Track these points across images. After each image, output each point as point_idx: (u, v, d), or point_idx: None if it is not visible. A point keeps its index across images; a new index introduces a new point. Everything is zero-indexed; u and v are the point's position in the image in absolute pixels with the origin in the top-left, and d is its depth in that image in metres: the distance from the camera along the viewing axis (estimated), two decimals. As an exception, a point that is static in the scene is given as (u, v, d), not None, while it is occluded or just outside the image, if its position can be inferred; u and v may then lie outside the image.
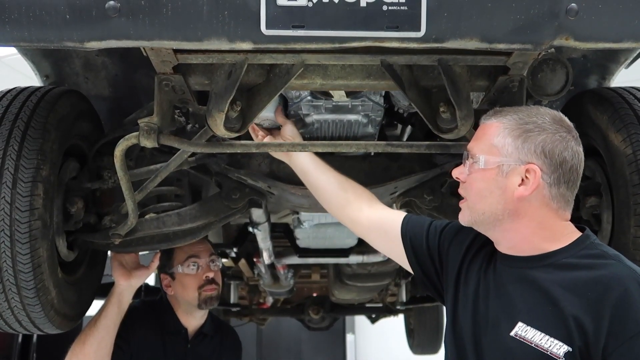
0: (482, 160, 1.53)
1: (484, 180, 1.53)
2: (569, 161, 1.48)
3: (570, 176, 1.50)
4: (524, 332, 1.45)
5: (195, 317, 2.69)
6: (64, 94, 2.07)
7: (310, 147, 1.94)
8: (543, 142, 1.47)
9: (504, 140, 1.51)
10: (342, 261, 3.86)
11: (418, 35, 1.47)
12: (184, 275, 2.61)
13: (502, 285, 1.56)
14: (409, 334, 6.98)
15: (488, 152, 1.53)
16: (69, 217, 2.11)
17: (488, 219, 1.55)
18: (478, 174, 1.54)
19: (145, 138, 1.80)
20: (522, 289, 1.51)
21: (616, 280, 1.39)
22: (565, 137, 1.49)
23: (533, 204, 1.49)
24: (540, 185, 1.48)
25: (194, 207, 2.36)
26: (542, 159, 1.47)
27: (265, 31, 1.45)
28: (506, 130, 1.51)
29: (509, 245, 1.57)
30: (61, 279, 2.06)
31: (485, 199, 1.53)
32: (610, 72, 2.46)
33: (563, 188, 1.49)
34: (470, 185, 1.57)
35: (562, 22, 1.48)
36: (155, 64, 1.68)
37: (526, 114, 1.53)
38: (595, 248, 1.49)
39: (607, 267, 1.43)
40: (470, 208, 1.58)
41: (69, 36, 1.46)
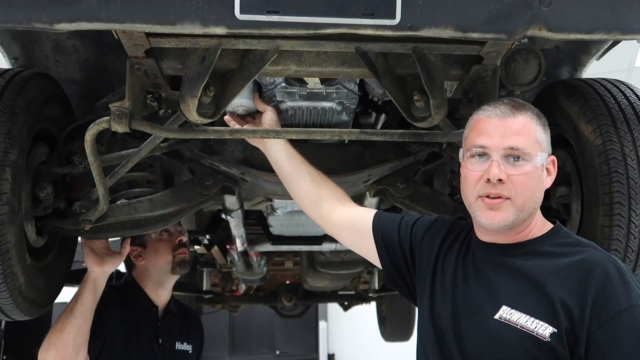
0: (540, 157, 1.52)
1: (534, 177, 1.52)
2: None
3: None
4: (509, 315, 1.48)
5: (165, 289, 2.69)
6: (33, 76, 2.03)
7: (284, 134, 1.93)
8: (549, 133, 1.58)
9: (542, 135, 1.55)
10: (315, 249, 3.86)
11: (393, 23, 1.47)
12: (157, 242, 2.66)
13: (482, 272, 1.59)
14: (380, 322, 7.04)
15: (538, 149, 1.53)
16: (38, 203, 2.08)
17: (526, 216, 1.54)
18: (532, 172, 1.51)
19: (117, 123, 1.77)
20: (504, 275, 1.55)
21: (596, 263, 1.46)
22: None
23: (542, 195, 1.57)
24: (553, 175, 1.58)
25: (166, 194, 2.34)
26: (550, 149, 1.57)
27: (239, 16, 1.44)
28: (538, 125, 1.54)
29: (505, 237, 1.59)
30: (30, 265, 2.02)
31: (534, 195, 1.54)
32: (582, 63, 2.48)
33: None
34: (522, 184, 1.51)
35: (536, 12, 1.50)
36: (127, 47, 1.65)
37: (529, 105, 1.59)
38: (569, 237, 1.57)
39: (585, 253, 1.50)
40: (518, 207, 1.52)
41: (37, 17, 1.43)
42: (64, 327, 2.29)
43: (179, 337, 2.73)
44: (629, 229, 1.93)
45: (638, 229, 1.94)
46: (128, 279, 2.74)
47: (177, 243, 2.67)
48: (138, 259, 2.68)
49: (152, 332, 2.63)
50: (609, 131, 1.97)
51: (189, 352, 2.76)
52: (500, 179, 1.50)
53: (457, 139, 1.95)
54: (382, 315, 6.93)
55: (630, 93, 2.11)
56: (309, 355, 11.44)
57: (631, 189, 1.93)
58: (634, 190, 1.93)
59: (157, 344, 2.62)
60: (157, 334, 2.64)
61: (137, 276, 2.70)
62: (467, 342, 1.55)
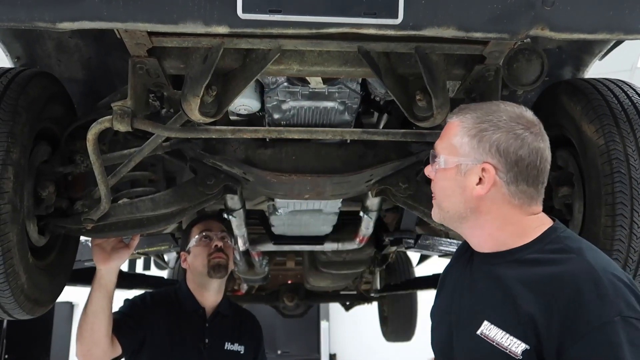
0: (443, 160, 1.53)
1: (446, 179, 1.53)
2: (525, 159, 1.45)
3: (529, 173, 1.47)
4: (489, 330, 1.46)
5: (210, 291, 2.78)
6: (35, 75, 2.02)
7: (286, 133, 1.93)
8: (497, 141, 1.45)
9: (461, 140, 1.50)
10: (317, 248, 3.86)
11: (395, 23, 1.47)
12: (197, 247, 2.78)
13: (475, 283, 1.57)
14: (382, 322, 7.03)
15: (448, 152, 1.53)
16: (40, 202, 2.08)
17: (453, 217, 1.56)
18: (440, 173, 1.55)
19: (119, 122, 1.77)
20: (489, 286, 1.52)
21: (570, 278, 1.36)
22: (521, 134, 1.46)
23: (494, 202, 1.49)
24: (497, 184, 1.47)
25: (168, 193, 2.34)
26: (497, 158, 1.45)
27: (241, 15, 1.43)
28: (464, 129, 1.50)
29: (477, 242, 1.57)
30: (32, 264, 2.02)
31: (448, 197, 1.54)
32: (585, 63, 2.48)
33: (523, 185, 1.47)
34: (436, 184, 1.58)
35: (539, 12, 1.49)
36: (129, 46, 1.65)
37: (484, 111, 1.50)
38: (559, 242, 1.46)
39: (565, 263, 1.40)
40: (438, 206, 1.59)
41: (40, 16, 1.43)
42: (81, 324, 2.39)
43: (229, 338, 2.80)
44: (631, 229, 1.93)
45: None
46: (182, 281, 2.89)
47: (214, 248, 2.75)
48: (184, 263, 2.84)
49: (198, 332, 2.72)
50: (612, 131, 1.97)
51: (241, 352, 2.83)
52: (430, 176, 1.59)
53: (459, 139, 1.95)
54: (383, 315, 6.93)
55: (633, 93, 2.10)
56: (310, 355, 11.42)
57: (634, 189, 1.92)
58: (637, 191, 1.93)
59: (203, 344, 2.70)
60: (204, 334, 2.72)
61: (187, 279, 2.83)
62: (456, 356, 1.55)
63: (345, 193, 2.58)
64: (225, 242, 2.82)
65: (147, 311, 2.66)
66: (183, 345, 2.65)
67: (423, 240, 3.47)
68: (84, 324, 2.38)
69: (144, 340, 2.60)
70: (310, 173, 2.31)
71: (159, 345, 2.62)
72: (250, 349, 2.88)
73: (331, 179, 2.33)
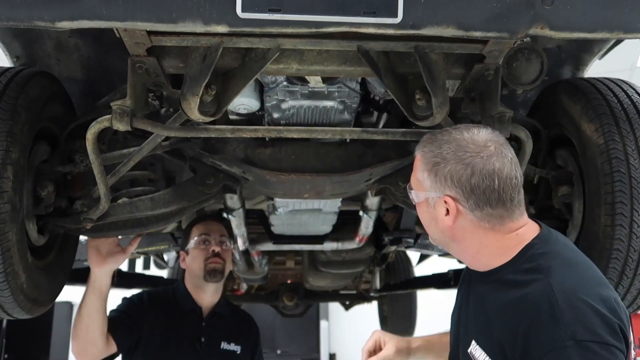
0: (414, 194, 1.59)
1: (421, 212, 1.60)
2: (480, 185, 1.45)
3: (488, 197, 1.46)
4: (475, 350, 1.51)
5: (206, 293, 2.79)
6: (34, 75, 2.02)
7: (285, 133, 1.93)
8: (449, 173, 1.47)
9: (422, 175, 1.54)
10: (317, 248, 3.86)
11: (395, 22, 1.46)
12: (195, 249, 2.80)
13: (469, 301, 1.63)
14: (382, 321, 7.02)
15: (417, 186, 1.58)
16: (40, 201, 2.07)
17: (439, 243, 1.62)
18: (417, 206, 1.61)
19: (118, 121, 1.77)
20: (476, 306, 1.58)
21: (531, 302, 1.37)
22: (471, 162, 1.46)
23: (466, 229, 1.51)
24: (462, 212, 1.49)
25: (167, 192, 2.34)
26: (453, 189, 1.48)
27: (241, 14, 1.43)
28: (423, 164, 1.54)
29: (467, 262, 1.63)
30: (31, 264, 2.02)
31: (428, 228, 1.61)
32: (584, 63, 2.48)
33: (487, 209, 1.47)
34: (418, 215, 1.64)
35: (538, 11, 1.49)
36: (128, 45, 1.65)
37: (437, 144, 1.52)
38: (533, 260, 1.45)
39: (530, 285, 1.40)
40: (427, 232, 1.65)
41: (39, 15, 1.42)
42: (75, 324, 2.41)
43: (225, 338, 2.82)
44: (631, 228, 1.93)
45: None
46: (179, 280, 2.91)
47: (211, 253, 2.77)
48: (182, 263, 2.86)
49: (195, 331, 2.73)
50: (611, 130, 1.97)
51: (237, 352, 2.84)
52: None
53: (459, 138, 1.95)
54: (383, 314, 6.92)
55: (633, 92, 2.10)
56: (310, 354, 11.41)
57: (633, 188, 1.92)
58: (637, 190, 1.93)
59: (199, 343, 2.71)
60: (200, 333, 2.73)
61: (185, 279, 2.85)
62: None
63: (344, 192, 2.57)
64: (224, 246, 2.82)
65: (143, 310, 2.66)
66: (179, 344, 2.66)
67: (423, 240, 3.47)
68: (78, 323, 2.39)
69: (140, 338, 2.61)
70: (310, 172, 2.31)
71: (155, 344, 2.62)
72: (247, 349, 2.88)
73: (331, 178, 2.33)
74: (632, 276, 2.00)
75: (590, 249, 2.03)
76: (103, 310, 2.40)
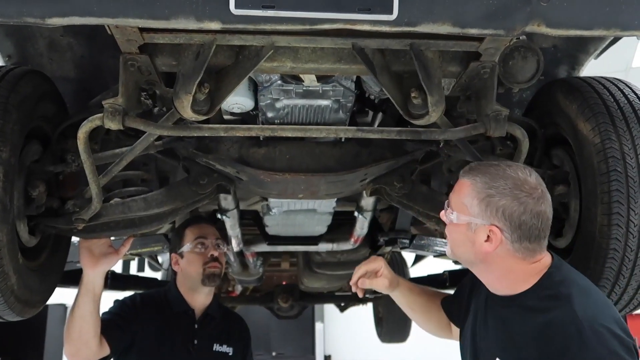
0: (455, 216, 1.70)
1: (458, 232, 1.71)
2: (527, 222, 1.61)
3: (531, 234, 1.62)
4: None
5: (200, 295, 2.78)
6: (26, 74, 2.00)
7: (279, 131, 1.91)
8: (503, 207, 1.61)
9: (471, 201, 1.66)
10: (312, 249, 3.84)
11: (390, 19, 1.45)
12: (191, 253, 2.76)
13: (488, 321, 1.75)
14: (377, 323, 7.01)
15: (460, 210, 1.69)
16: (31, 201, 2.05)
17: (464, 262, 1.77)
18: (453, 226, 1.73)
19: (110, 120, 1.75)
20: (498, 327, 1.70)
21: (557, 328, 1.52)
22: (525, 201, 1.61)
23: (500, 255, 1.65)
24: (503, 242, 1.63)
25: (160, 192, 2.32)
26: (502, 221, 1.62)
27: (234, 11, 1.41)
28: (474, 192, 1.66)
29: (487, 283, 1.75)
30: (22, 265, 2.00)
31: (459, 247, 1.73)
32: (580, 62, 2.47)
33: (525, 243, 1.63)
34: (449, 233, 1.76)
35: (535, 8, 1.48)
36: (120, 43, 1.63)
37: (492, 177, 1.65)
38: (553, 288, 1.61)
39: (554, 311, 1.55)
40: (451, 249, 1.78)
41: (29, 11, 1.40)
42: (68, 326, 2.37)
43: (218, 340, 2.81)
44: (627, 227, 1.92)
45: (637, 228, 1.92)
46: (171, 283, 2.87)
47: (209, 257, 2.74)
48: (176, 266, 2.81)
49: (187, 334, 2.72)
50: (608, 129, 1.96)
51: (229, 354, 2.83)
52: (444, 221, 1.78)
53: (455, 137, 1.94)
54: (378, 316, 6.90)
55: (629, 91, 2.10)
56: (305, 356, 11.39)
57: (630, 187, 1.92)
58: (633, 189, 1.92)
59: (192, 345, 2.70)
60: (193, 335, 2.71)
61: (177, 281, 2.81)
62: None
63: (339, 192, 2.56)
64: (219, 250, 2.81)
65: (136, 311, 2.64)
66: (172, 346, 2.65)
67: (418, 241, 3.46)
68: (71, 325, 2.35)
69: (133, 340, 2.59)
70: (305, 172, 2.29)
71: (148, 346, 2.61)
72: (239, 350, 2.88)
73: (325, 178, 2.31)
74: (628, 276, 1.99)
75: (587, 249, 2.02)
76: (96, 312, 2.37)
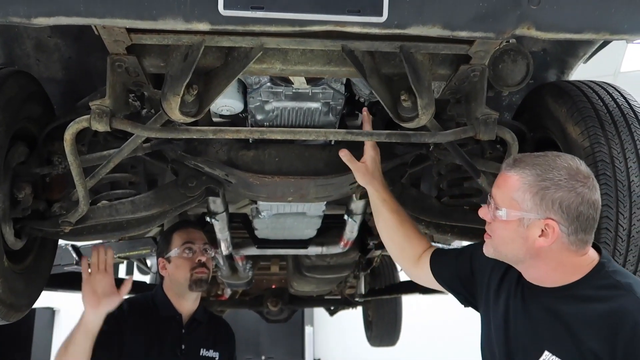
0: (505, 212, 1.61)
1: (507, 229, 1.62)
2: (585, 213, 1.56)
3: (587, 224, 1.57)
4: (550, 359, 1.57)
5: (187, 300, 2.75)
6: (12, 74, 1.98)
7: (269, 134, 1.90)
8: (560, 199, 1.55)
9: (523, 196, 1.58)
10: (301, 252, 3.83)
11: (380, 21, 1.44)
12: (179, 258, 2.72)
13: (529, 312, 1.68)
14: (367, 326, 7.00)
15: (509, 205, 1.61)
16: (16, 204, 2.02)
17: (511, 260, 1.68)
18: (501, 223, 1.63)
19: (97, 121, 1.73)
20: (546, 318, 1.62)
21: (628, 314, 1.48)
22: (581, 192, 1.55)
23: (553, 249, 1.59)
24: (559, 236, 1.57)
25: (148, 195, 2.30)
26: (559, 214, 1.55)
27: (223, 11, 1.40)
28: (525, 185, 1.58)
29: (532, 277, 1.67)
30: (7, 268, 1.97)
31: (507, 244, 1.64)
32: (569, 66, 2.48)
33: (581, 235, 1.57)
34: (494, 231, 1.67)
35: (525, 10, 1.47)
36: (107, 43, 1.61)
37: (544, 168, 1.58)
38: (609, 277, 1.58)
39: (619, 300, 1.52)
40: (494, 247, 1.69)
41: (14, 11, 1.38)
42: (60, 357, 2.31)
43: (204, 344, 2.79)
44: (616, 232, 1.92)
45: (626, 232, 1.92)
46: (158, 287, 2.84)
47: (197, 262, 2.70)
48: (163, 271, 2.78)
49: (175, 338, 2.69)
50: (597, 133, 1.96)
51: (215, 358, 2.81)
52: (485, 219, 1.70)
53: (444, 140, 1.93)
54: (368, 320, 6.90)
55: (618, 95, 2.10)
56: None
57: (619, 191, 1.92)
58: (622, 193, 1.92)
59: (180, 350, 2.67)
60: (181, 340, 2.69)
61: (164, 285, 2.79)
62: None
63: (329, 195, 2.55)
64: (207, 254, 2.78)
65: (123, 319, 2.59)
66: (160, 352, 2.62)
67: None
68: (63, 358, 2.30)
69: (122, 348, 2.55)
70: (294, 175, 2.28)
71: (136, 352, 2.57)
72: (225, 355, 2.87)
73: (315, 181, 2.30)
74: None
75: (576, 253, 2.01)
76: (90, 349, 2.33)
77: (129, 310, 2.65)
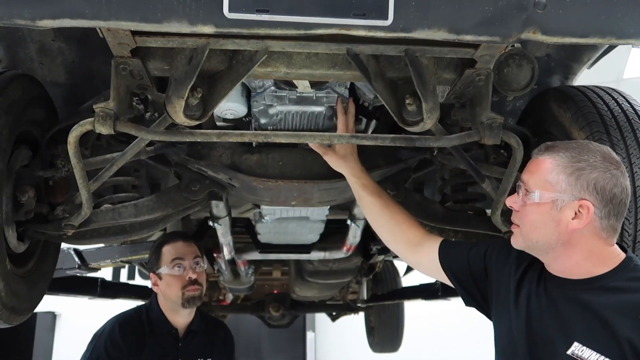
0: (538, 194, 1.61)
1: (539, 213, 1.62)
2: (618, 196, 1.57)
3: (620, 209, 1.58)
4: (581, 351, 1.56)
5: (182, 315, 2.74)
6: (15, 78, 1.98)
7: (273, 137, 1.89)
8: (595, 179, 1.56)
9: (557, 177, 1.59)
10: (304, 257, 3.82)
11: (385, 24, 1.43)
12: (169, 276, 2.70)
13: (555, 305, 1.66)
14: (369, 332, 6.99)
15: (542, 187, 1.61)
16: (19, 207, 2.02)
17: (541, 247, 1.65)
18: (533, 206, 1.63)
19: (101, 124, 1.73)
20: (574, 310, 1.61)
21: None
22: (615, 174, 1.57)
23: (585, 235, 1.59)
24: (592, 219, 1.57)
25: (151, 199, 2.29)
26: (594, 195, 1.56)
27: (228, 14, 1.39)
28: (559, 167, 1.59)
29: (560, 268, 1.66)
30: (10, 271, 1.97)
31: (539, 229, 1.63)
32: (573, 72, 2.47)
33: (613, 220, 1.58)
34: (525, 216, 1.66)
35: (530, 15, 1.47)
36: (112, 46, 1.60)
37: (578, 151, 1.60)
38: (638, 271, 1.59)
39: None
40: (523, 236, 1.67)
41: (19, 13, 1.38)
42: None
43: (201, 355, 2.78)
44: (622, 237, 1.91)
45: (631, 238, 1.92)
46: (153, 300, 2.81)
47: (187, 280, 2.68)
48: (155, 287, 2.76)
49: (171, 353, 2.69)
50: (602, 138, 1.96)
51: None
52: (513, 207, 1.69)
53: (449, 144, 1.92)
54: (370, 325, 6.89)
55: (623, 101, 2.10)
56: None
57: (624, 196, 1.91)
58: (627, 198, 1.91)
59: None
60: (177, 354, 2.70)
61: (159, 300, 2.77)
62: None
63: (332, 200, 2.54)
64: (198, 269, 2.74)
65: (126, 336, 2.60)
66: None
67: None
68: None
69: None
70: (297, 179, 2.28)
71: None
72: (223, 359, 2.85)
73: (318, 185, 2.30)
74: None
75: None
76: None
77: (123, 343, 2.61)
